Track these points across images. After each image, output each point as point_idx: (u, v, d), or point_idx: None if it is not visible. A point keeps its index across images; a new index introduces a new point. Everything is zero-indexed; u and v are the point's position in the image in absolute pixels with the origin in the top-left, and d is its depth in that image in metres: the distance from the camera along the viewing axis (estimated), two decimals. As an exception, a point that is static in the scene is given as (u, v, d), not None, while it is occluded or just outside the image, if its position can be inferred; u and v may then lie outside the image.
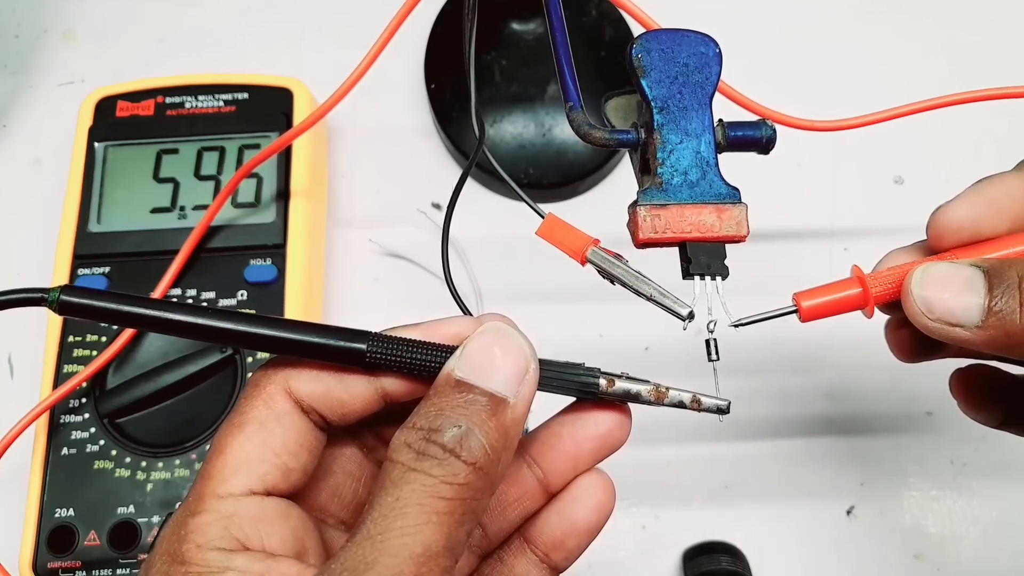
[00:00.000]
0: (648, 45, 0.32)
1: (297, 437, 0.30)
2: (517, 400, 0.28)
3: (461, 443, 0.27)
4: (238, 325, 0.30)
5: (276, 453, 0.29)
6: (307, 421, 0.30)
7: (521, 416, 0.29)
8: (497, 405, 0.28)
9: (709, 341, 0.32)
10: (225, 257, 0.53)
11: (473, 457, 0.27)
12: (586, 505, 0.34)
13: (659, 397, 0.31)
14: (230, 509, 0.28)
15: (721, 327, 0.31)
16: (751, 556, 0.52)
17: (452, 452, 0.27)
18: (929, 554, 0.53)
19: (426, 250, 0.59)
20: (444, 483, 0.26)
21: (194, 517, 0.28)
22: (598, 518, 0.34)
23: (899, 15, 0.66)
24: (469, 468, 0.27)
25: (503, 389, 0.28)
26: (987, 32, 0.65)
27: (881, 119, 0.44)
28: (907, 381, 0.56)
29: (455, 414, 0.27)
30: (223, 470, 0.29)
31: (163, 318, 0.29)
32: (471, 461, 0.27)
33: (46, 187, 0.60)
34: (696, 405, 0.31)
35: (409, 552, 0.25)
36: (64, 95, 0.64)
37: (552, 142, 0.59)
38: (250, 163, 0.50)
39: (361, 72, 0.45)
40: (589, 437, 0.33)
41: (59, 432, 0.50)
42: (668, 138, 0.31)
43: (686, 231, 0.31)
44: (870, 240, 0.59)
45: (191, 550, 0.27)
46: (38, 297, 0.30)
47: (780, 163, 0.61)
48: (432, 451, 0.27)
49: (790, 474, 0.54)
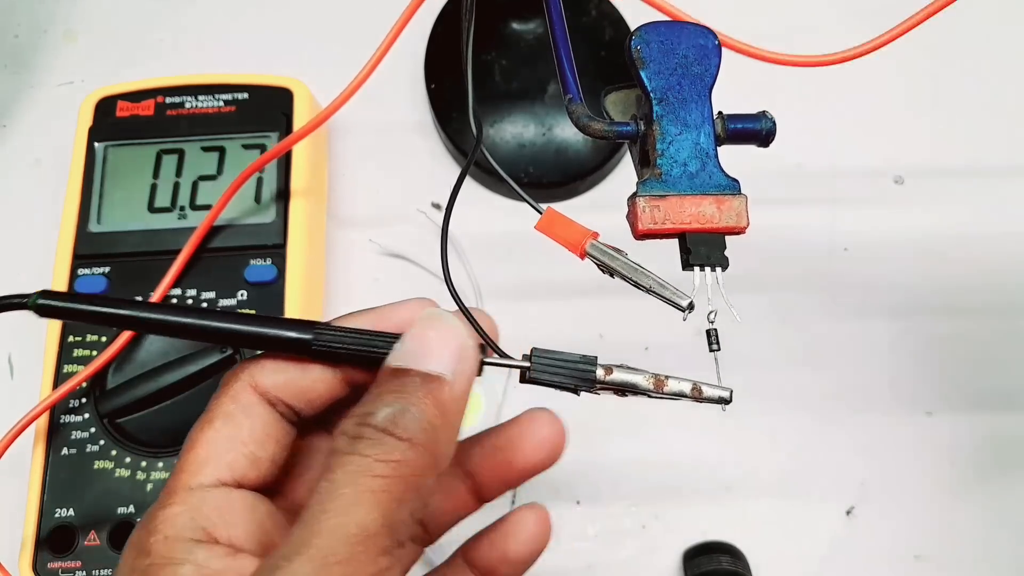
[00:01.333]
0: (647, 37, 0.32)
1: (264, 427, 0.30)
2: (455, 377, 0.28)
3: (395, 421, 0.27)
4: (192, 319, 0.31)
5: (243, 443, 0.30)
6: (273, 412, 0.31)
7: (460, 392, 0.29)
8: (432, 383, 0.28)
9: (710, 331, 0.32)
10: (225, 257, 0.53)
11: (408, 433, 0.27)
12: (519, 540, 0.34)
13: (658, 386, 0.31)
14: (198, 500, 0.29)
15: (722, 319, 0.31)
16: (751, 556, 0.52)
17: (385, 431, 0.27)
18: (929, 554, 0.52)
19: (426, 250, 0.59)
20: (378, 461, 0.26)
21: (163, 509, 0.28)
22: (531, 550, 0.35)
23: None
24: (405, 444, 0.26)
25: (438, 367, 0.28)
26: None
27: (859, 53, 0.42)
28: (907, 381, 0.56)
29: (390, 397, 0.28)
30: (193, 463, 0.29)
31: (128, 316, 0.31)
32: (406, 437, 0.27)
33: (46, 187, 0.60)
34: (697, 393, 0.31)
35: (344, 532, 0.25)
36: (64, 95, 0.64)
37: (552, 141, 0.59)
38: (252, 166, 0.50)
39: (364, 77, 0.45)
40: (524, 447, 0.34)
41: (59, 432, 0.50)
42: (667, 129, 0.31)
43: (686, 222, 0.31)
44: (870, 240, 0.59)
45: (158, 542, 0.27)
46: (19, 302, 0.32)
47: (780, 163, 0.61)
48: (366, 433, 0.27)
49: (790, 474, 0.54)
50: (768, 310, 0.58)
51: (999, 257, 0.59)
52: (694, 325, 0.31)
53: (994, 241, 0.59)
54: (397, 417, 0.27)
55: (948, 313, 0.57)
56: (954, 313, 0.57)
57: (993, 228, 0.59)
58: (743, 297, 0.35)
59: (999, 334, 0.57)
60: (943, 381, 0.56)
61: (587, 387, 0.31)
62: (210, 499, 0.29)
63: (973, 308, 0.57)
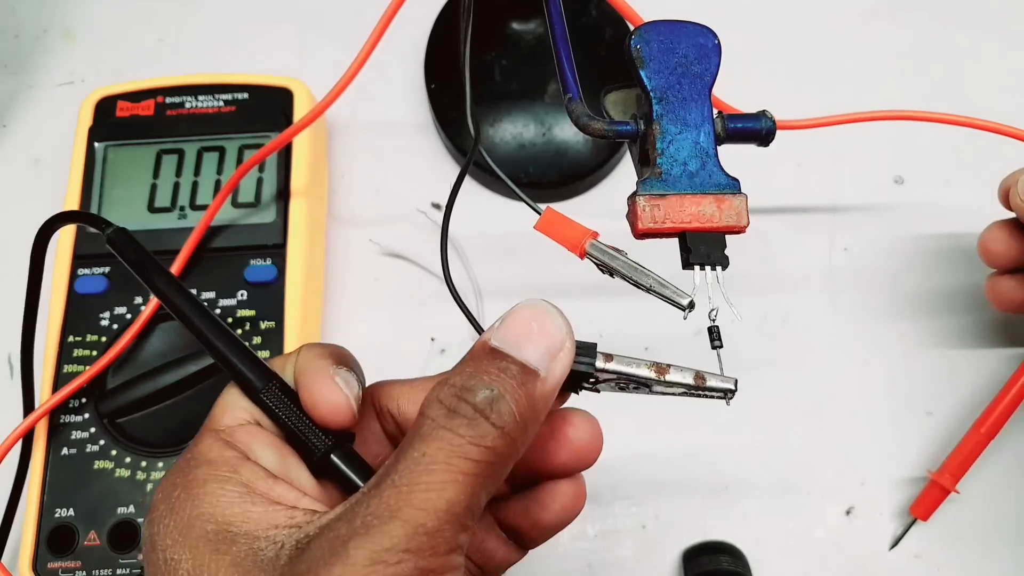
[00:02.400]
0: (647, 36, 0.32)
1: None
2: (547, 376, 0.29)
3: (492, 406, 0.27)
4: (200, 321, 0.35)
5: None
6: None
7: (550, 392, 0.29)
8: (528, 376, 0.28)
9: (712, 328, 0.32)
10: (225, 257, 0.53)
11: (502, 421, 0.27)
12: (551, 510, 0.35)
13: (660, 373, 0.31)
14: (228, 434, 0.31)
15: (722, 317, 0.31)
16: (751, 556, 0.52)
17: (482, 413, 0.27)
18: (929, 554, 0.52)
19: (426, 250, 0.59)
20: (472, 444, 0.27)
21: (196, 446, 0.31)
22: (563, 520, 0.35)
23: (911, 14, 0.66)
24: (497, 432, 0.27)
25: (536, 362, 0.29)
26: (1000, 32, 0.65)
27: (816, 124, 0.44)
28: (907, 381, 0.56)
29: (488, 378, 0.28)
30: (216, 413, 0.32)
31: (163, 291, 0.36)
32: (500, 424, 0.27)
33: (46, 187, 0.60)
34: (700, 382, 0.31)
35: (434, 506, 0.26)
36: (64, 95, 0.64)
37: (552, 141, 0.59)
38: (250, 160, 0.50)
39: (360, 62, 0.45)
40: (563, 448, 0.34)
41: (59, 432, 0.50)
42: (667, 128, 0.31)
43: (686, 221, 0.31)
44: (870, 240, 0.59)
45: (200, 467, 0.30)
46: (97, 222, 0.38)
47: (780, 162, 0.61)
48: (463, 409, 0.27)
49: (790, 474, 0.54)
50: (768, 310, 0.58)
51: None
52: (694, 324, 0.31)
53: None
54: (495, 402, 0.28)
55: (948, 313, 0.57)
56: (954, 313, 0.57)
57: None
58: (743, 296, 0.35)
59: (999, 334, 0.57)
60: (943, 381, 0.56)
61: (584, 368, 0.31)
62: (239, 433, 0.31)
63: (973, 308, 0.57)
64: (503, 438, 0.27)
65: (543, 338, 0.29)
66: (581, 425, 0.34)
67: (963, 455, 0.51)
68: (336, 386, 0.31)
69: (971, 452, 0.51)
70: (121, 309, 0.52)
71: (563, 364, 0.29)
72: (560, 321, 0.30)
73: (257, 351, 0.51)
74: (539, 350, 0.29)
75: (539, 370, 0.29)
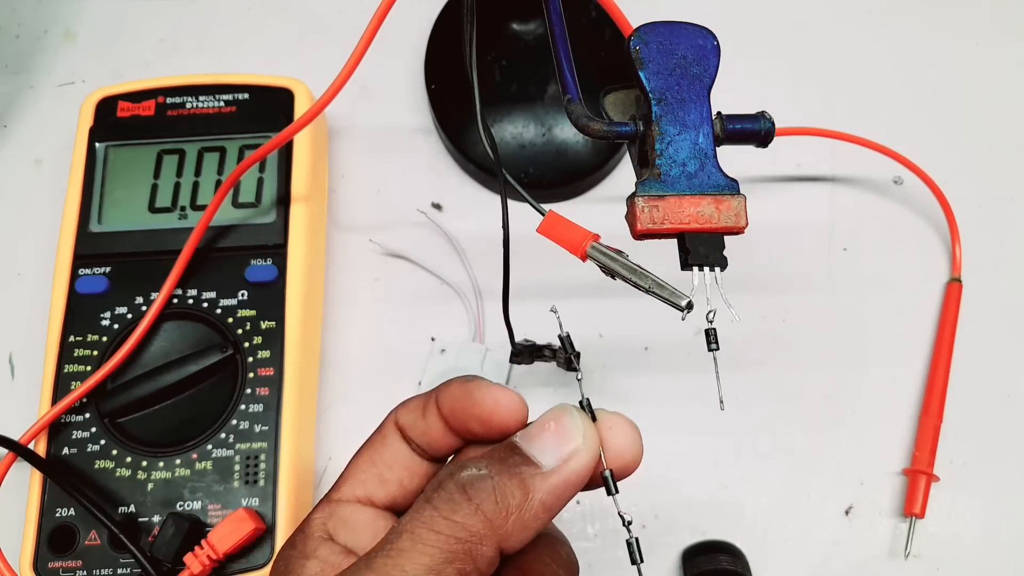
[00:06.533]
0: (646, 37, 0.32)
1: (394, 455, 0.33)
2: (552, 471, 0.29)
3: (472, 483, 0.28)
4: None
5: (374, 464, 0.33)
6: (406, 445, 0.33)
7: (553, 488, 0.29)
8: (527, 465, 0.29)
9: (708, 331, 0.32)
10: (226, 257, 0.53)
11: (479, 499, 0.27)
12: None
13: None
14: (332, 509, 0.32)
15: (720, 318, 0.31)
16: (751, 556, 0.52)
17: (461, 490, 0.28)
18: (929, 554, 0.52)
19: (426, 250, 0.59)
20: (442, 517, 0.27)
21: (312, 514, 0.32)
22: None
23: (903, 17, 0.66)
24: (471, 508, 0.27)
25: (538, 454, 0.29)
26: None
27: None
28: (907, 381, 0.56)
29: (484, 462, 0.29)
30: (340, 480, 0.33)
31: None
32: (477, 502, 0.27)
33: (46, 187, 0.60)
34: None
35: (389, 573, 0.26)
36: (64, 95, 0.64)
37: (552, 142, 0.59)
38: (249, 159, 0.50)
39: (357, 59, 0.45)
40: None
41: (60, 432, 0.50)
42: (666, 129, 0.31)
43: (684, 222, 0.31)
44: (870, 240, 0.60)
45: (300, 538, 0.32)
46: None
47: (779, 162, 0.61)
48: (446, 486, 0.28)
49: (790, 474, 0.54)
50: (768, 310, 0.58)
51: (999, 256, 0.59)
52: (693, 325, 0.31)
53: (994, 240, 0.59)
54: (475, 480, 0.28)
55: (948, 313, 0.57)
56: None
57: (993, 227, 0.59)
58: (742, 297, 0.35)
59: (999, 334, 0.57)
60: (943, 381, 0.56)
61: None
62: (341, 510, 0.32)
63: (973, 307, 0.57)
64: (476, 515, 0.27)
65: (553, 436, 0.29)
66: (620, 431, 0.34)
67: (925, 439, 0.53)
68: (502, 387, 0.32)
69: (932, 434, 0.53)
70: (122, 309, 0.52)
71: (574, 465, 0.29)
72: (577, 424, 0.30)
73: (257, 351, 0.51)
74: (546, 444, 0.29)
75: (541, 463, 0.29)
